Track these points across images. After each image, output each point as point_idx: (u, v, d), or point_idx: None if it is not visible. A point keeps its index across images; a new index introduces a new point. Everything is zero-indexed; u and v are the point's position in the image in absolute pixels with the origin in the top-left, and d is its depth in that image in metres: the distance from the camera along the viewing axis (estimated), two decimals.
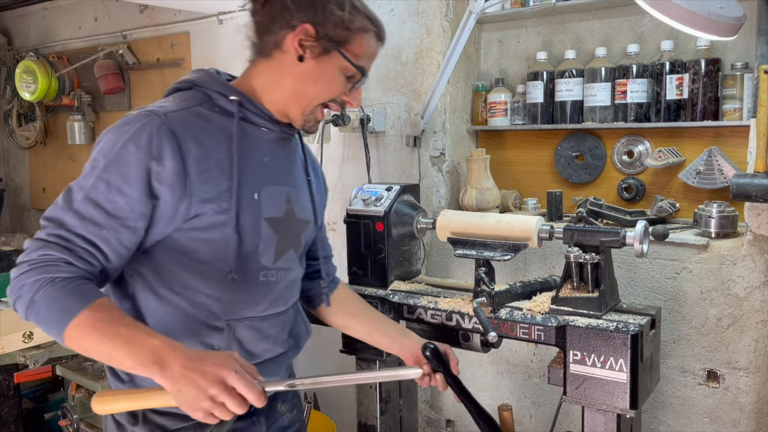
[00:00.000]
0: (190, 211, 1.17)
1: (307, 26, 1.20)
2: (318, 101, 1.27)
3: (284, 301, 1.36)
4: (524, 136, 2.54)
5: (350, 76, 1.26)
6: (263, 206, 1.26)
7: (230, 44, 3.16)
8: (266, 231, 1.26)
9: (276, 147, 1.32)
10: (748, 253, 1.89)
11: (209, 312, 1.24)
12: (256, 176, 1.25)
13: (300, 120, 1.29)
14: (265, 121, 1.29)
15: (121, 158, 1.13)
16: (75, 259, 1.11)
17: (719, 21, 1.58)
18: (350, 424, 2.89)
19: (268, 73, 1.28)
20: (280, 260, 1.30)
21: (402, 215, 1.92)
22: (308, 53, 1.22)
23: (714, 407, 2.00)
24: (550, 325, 1.61)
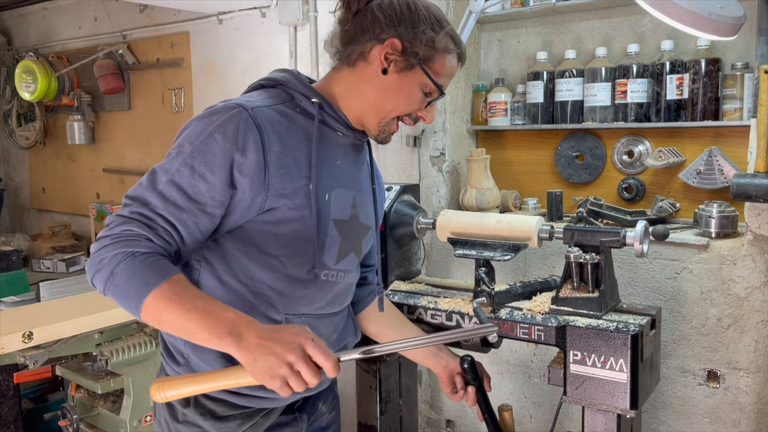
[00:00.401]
0: (265, 204, 1.20)
1: (395, 41, 1.24)
2: (395, 114, 1.31)
3: (340, 303, 1.39)
4: (524, 136, 2.53)
5: (428, 93, 1.30)
6: (332, 208, 1.29)
7: (230, 44, 3.16)
8: (333, 232, 1.30)
9: (348, 152, 1.36)
10: (748, 253, 1.89)
11: (269, 304, 1.27)
12: (329, 178, 1.29)
13: (375, 130, 1.32)
14: (341, 125, 1.32)
15: (207, 146, 1.17)
16: (155, 236, 1.15)
17: (719, 21, 1.58)
18: (350, 424, 2.89)
19: (350, 81, 1.31)
20: (341, 262, 1.34)
21: (402, 215, 1.92)
22: (392, 67, 1.26)
23: (714, 407, 2.00)
24: (550, 325, 1.61)
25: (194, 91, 3.38)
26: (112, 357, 2.15)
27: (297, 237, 1.24)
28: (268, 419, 1.37)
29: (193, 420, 1.30)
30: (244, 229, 1.23)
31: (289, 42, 2.86)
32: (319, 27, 2.77)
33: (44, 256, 3.64)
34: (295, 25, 2.83)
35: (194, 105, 3.38)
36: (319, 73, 2.78)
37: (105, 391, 2.23)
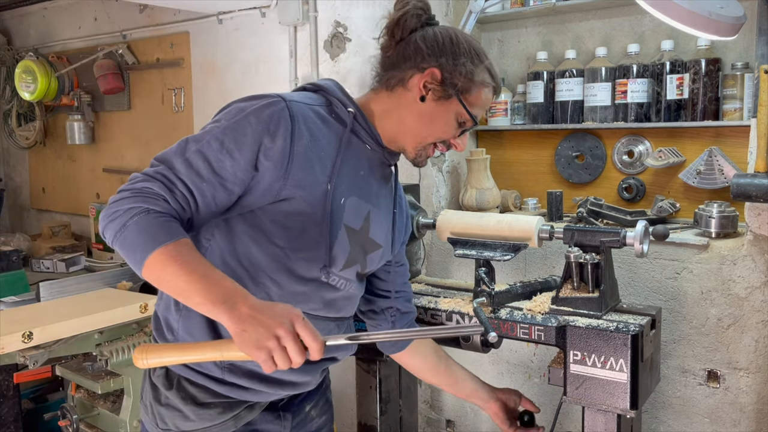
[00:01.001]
0: (281, 193, 1.23)
1: (435, 71, 1.29)
2: (430, 140, 1.35)
3: (337, 309, 1.39)
4: (524, 136, 2.53)
5: (462, 123, 1.34)
6: (346, 213, 1.32)
7: (230, 44, 3.16)
8: (342, 237, 1.32)
9: (374, 167, 1.39)
10: (748, 253, 1.89)
11: (266, 294, 1.28)
12: (348, 184, 1.32)
13: (413, 153, 1.37)
14: (371, 140, 1.36)
15: (240, 125, 1.21)
16: (172, 199, 1.17)
17: (719, 21, 1.58)
18: (350, 424, 2.89)
19: (387, 105, 1.36)
20: (346, 270, 1.35)
21: None
22: (430, 95, 1.31)
23: (714, 407, 2.00)
24: (551, 325, 1.61)
25: (194, 91, 3.38)
26: (112, 357, 2.15)
27: (305, 232, 1.26)
28: (250, 413, 1.37)
29: (174, 404, 1.32)
30: (256, 215, 1.25)
31: (289, 42, 2.86)
32: (319, 27, 2.77)
33: (44, 256, 3.64)
34: (295, 25, 2.83)
35: (194, 105, 3.38)
36: (319, 72, 2.78)
37: (105, 391, 2.23)
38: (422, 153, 1.37)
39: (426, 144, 1.36)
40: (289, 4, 2.77)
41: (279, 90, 3.12)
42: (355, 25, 2.66)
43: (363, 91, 2.70)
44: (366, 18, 2.62)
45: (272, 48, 2.98)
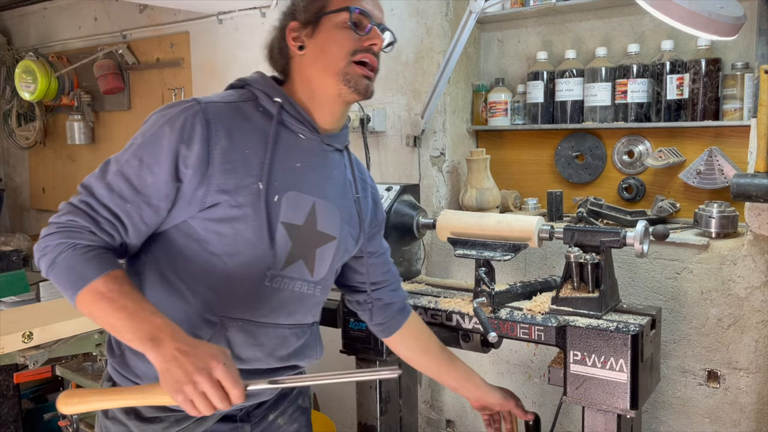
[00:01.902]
0: (206, 200, 1.19)
1: (290, 25, 1.31)
2: (341, 64, 1.28)
3: (288, 314, 1.33)
4: (524, 136, 2.53)
5: (352, 24, 1.29)
6: (282, 210, 1.26)
7: (230, 44, 3.16)
8: (281, 235, 1.26)
9: (312, 156, 1.33)
10: (748, 253, 1.89)
11: (206, 304, 1.25)
12: (283, 180, 1.27)
13: (343, 86, 1.29)
14: (304, 127, 1.32)
15: (156, 138, 1.19)
16: (97, 229, 1.16)
17: (719, 21, 1.58)
18: (350, 424, 2.89)
19: (296, 79, 1.33)
20: (287, 269, 1.29)
21: (402, 215, 1.92)
22: (304, 39, 1.30)
23: (714, 407, 2.00)
24: (551, 326, 1.61)
25: (194, 91, 3.38)
26: None
27: (240, 236, 1.22)
28: (200, 425, 1.33)
29: (119, 417, 1.29)
30: (189, 224, 1.22)
31: None
32: None
33: None
34: None
35: None
36: None
37: None
38: (351, 80, 1.28)
39: (342, 71, 1.28)
40: None
41: None
42: None
43: None
44: None
45: None
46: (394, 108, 2.59)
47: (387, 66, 2.58)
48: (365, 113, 2.57)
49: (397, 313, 1.59)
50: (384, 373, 1.19)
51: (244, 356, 1.29)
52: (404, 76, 2.55)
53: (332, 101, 1.32)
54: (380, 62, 1.36)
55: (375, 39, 1.32)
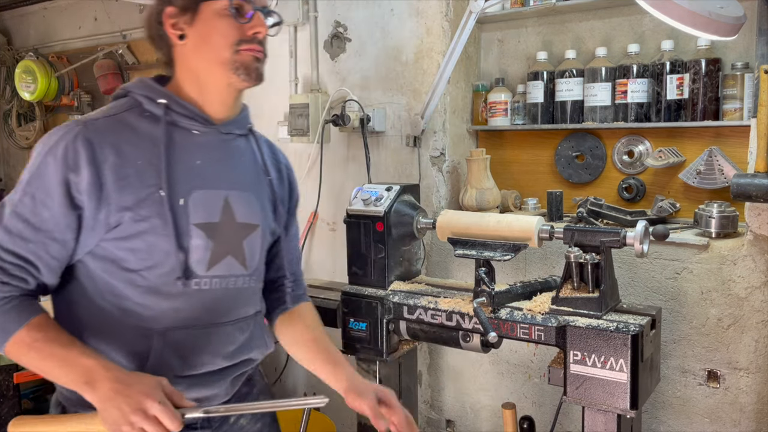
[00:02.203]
0: (109, 221, 1.17)
1: (166, 10, 1.24)
2: (227, 52, 1.24)
3: (226, 312, 1.31)
4: (524, 136, 2.53)
5: (236, 10, 1.23)
6: (191, 212, 1.23)
7: None
8: (197, 237, 1.23)
9: (212, 150, 1.29)
10: (748, 253, 1.89)
11: (140, 320, 1.23)
12: (184, 181, 1.23)
13: (233, 75, 1.25)
14: (196, 122, 1.27)
15: (41, 171, 1.16)
16: (7, 277, 1.15)
17: (719, 21, 1.58)
18: (350, 424, 2.89)
19: (181, 71, 1.29)
20: (215, 268, 1.27)
21: (402, 215, 1.92)
22: (184, 28, 1.24)
23: (714, 407, 2.00)
24: (551, 326, 1.61)
25: None
26: None
27: (154, 248, 1.19)
28: None
29: None
30: (102, 247, 1.20)
31: (289, 42, 2.86)
32: (319, 27, 2.77)
33: None
34: (295, 25, 2.83)
35: None
36: (319, 72, 2.78)
37: None
38: (238, 66, 1.24)
39: (229, 60, 1.24)
40: (289, 4, 2.76)
41: (279, 90, 3.13)
42: (355, 25, 2.66)
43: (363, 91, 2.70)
44: (366, 18, 2.62)
45: (272, 48, 2.94)
46: (394, 108, 2.59)
47: (387, 66, 2.58)
48: (365, 113, 2.57)
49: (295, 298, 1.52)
50: (312, 401, 1.22)
51: (192, 362, 1.28)
52: (404, 76, 2.55)
53: (222, 91, 1.28)
54: (266, 47, 1.32)
55: (258, 27, 1.27)
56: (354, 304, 1.91)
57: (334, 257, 2.86)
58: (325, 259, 2.90)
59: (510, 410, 2.02)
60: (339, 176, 2.81)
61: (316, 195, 2.81)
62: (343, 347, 1.95)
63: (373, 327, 1.88)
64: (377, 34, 2.59)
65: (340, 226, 2.80)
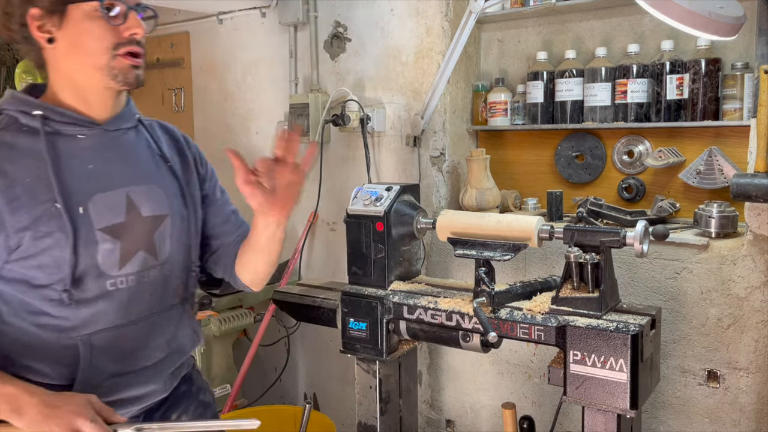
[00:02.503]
0: (9, 244, 1.15)
1: (30, 12, 1.17)
2: (103, 58, 1.19)
3: (147, 306, 1.32)
4: (524, 136, 2.53)
5: (105, 10, 1.18)
6: (94, 218, 1.21)
7: (230, 44, 3.16)
8: (104, 240, 1.22)
9: (103, 150, 1.26)
10: (748, 253, 1.89)
11: (61, 331, 1.22)
12: (80, 189, 1.20)
13: (110, 81, 1.21)
14: (79, 127, 1.24)
15: None
16: None
17: (719, 21, 1.58)
18: (350, 424, 2.89)
19: (54, 75, 1.24)
20: (127, 266, 1.26)
21: (402, 215, 1.92)
22: (52, 31, 1.18)
23: (714, 407, 2.00)
24: (550, 325, 1.61)
25: (194, 91, 3.38)
26: None
27: (62, 261, 1.18)
28: None
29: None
30: (8, 269, 1.18)
31: (289, 42, 2.86)
32: (319, 27, 2.77)
33: None
34: (295, 25, 2.83)
35: (194, 105, 3.38)
36: (319, 73, 2.78)
37: None
38: (118, 74, 1.20)
39: (106, 66, 1.19)
40: (289, 4, 2.77)
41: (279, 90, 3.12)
42: (355, 25, 2.66)
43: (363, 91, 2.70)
44: (366, 18, 2.62)
45: (272, 48, 2.98)
46: (394, 108, 2.59)
47: (387, 66, 2.58)
48: (365, 113, 2.57)
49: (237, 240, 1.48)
50: (244, 424, 1.23)
51: (124, 360, 1.29)
52: (404, 76, 2.55)
53: (101, 94, 1.24)
54: (145, 48, 1.26)
55: (135, 28, 1.21)
56: (354, 304, 1.91)
57: (334, 257, 2.86)
58: (325, 259, 2.90)
59: (510, 410, 2.02)
60: (339, 176, 2.81)
61: (316, 195, 2.81)
62: (342, 347, 1.95)
63: (373, 327, 1.88)
64: (377, 34, 2.59)
65: (340, 226, 2.80)
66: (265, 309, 2.74)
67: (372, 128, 2.59)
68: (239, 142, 3.15)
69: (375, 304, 1.87)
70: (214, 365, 2.63)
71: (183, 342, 1.41)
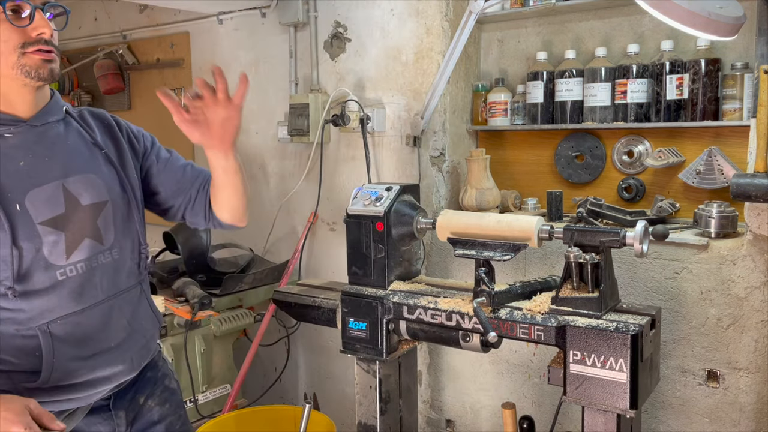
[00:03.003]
0: None
1: None
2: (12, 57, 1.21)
3: (102, 290, 1.36)
4: (524, 136, 2.53)
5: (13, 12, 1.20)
6: (33, 213, 1.24)
7: (230, 44, 3.16)
8: (47, 233, 1.25)
9: (32, 145, 1.28)
10: (748, 253, 1.89)
11: (19, 323, 1.25)
12: (14, 186, 1.23)
13: (25, 78, 1.23)
14: (5, 126, 1.25)
15: None
16: None
17: (719, 21, 1.58)
18: (350, 424, 2.89)
19: None
20: (74, 254, 1.30)
21: (402, 215, 1.92)
22: None
23: (714, 407, 2.00)
24: (550, 325, 1.61)
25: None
26: None
27: (5, 258, 1.21)
28: (72, 420, 1.35)
29: None
30: None
31: (289, 42, 2.86)
32: (319, 27, 2.77)
33: None
34: (295, 25, 2.83)
35: None
36: (319, 73, 2.78)
37: None
38: (31, 70, 1.22)
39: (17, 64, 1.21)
40: (289, 4, 2.77)
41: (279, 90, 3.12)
42: (355, 25, 2.66)
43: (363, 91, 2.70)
44: (366, 18, 2.62)
45: (272, 48, 2.98)
46: (394, 108, 2.60)
47: (387, 66, 2.58)
48: (365, 113, 2.57)
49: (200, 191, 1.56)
50: None
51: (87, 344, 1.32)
52: (404, 76, 2.55)
53: (19, 91, 1.26)
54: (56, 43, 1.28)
55: (42, 28, 1.22)
56: (354, 304, 1.91)
57: (334, 257, 2.86)
58: (324, 259, 2.90)
59: (510, 410, 2.02)
60: (339, 176, 2.81)
61: (316, 195, 2.81)
62: (342, 347, 1.95)
63: (373, 327, 1.88)
64: (377, 34, 2.59)
65: (340, 226, 2.80)
66: (265, 309, 2.74)
67: (372, 128, 2.59)
68: (239, 142, 3.14)
69: (375, 304, 1.87)
70: (214, 365, 2.63)
71: (142, 323, 1.46)
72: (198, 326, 2.46)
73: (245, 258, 2.95)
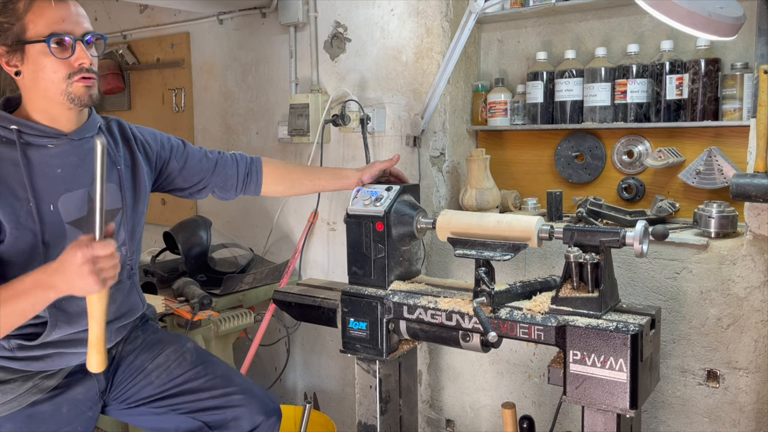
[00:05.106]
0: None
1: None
2: (60, 86, 1.44)
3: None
4: (524, 136, 2.54)
5: (56, 46, 1.41)
6: (63, 213, 1.48)
7: (230, 44, 3.17)
8: (72, 232, 1.48)
9: (69, 156, 1.52)
10: (747, 253, 1.89)
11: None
12: (50, 190, 1.47)
13: (66, 104, 1.46)
14: (49, 138, 1.48)
15: None
16: None
17: (719, 21, 1.58)
18: (350, 424, 2.89)
19: (25, 97, 1.50)
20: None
21: (402, 215, 1.92)
22: (18, 65, 1.44)
23: (714, 407, 2.01)
24: (550, 325, 1.61)
25: (194, 92, 3.38)
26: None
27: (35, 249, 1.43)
28: (50, 379, 1.54)
29: None
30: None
31: (289, 42, 2.86)
32: (319, 27, 2.77)
33: None
34: (295, 25, 2.83)
35: (195, 105, 3.38)
36: (319, 73, 2.78)
37: None
38: (75, 98, 1.45)
39: (64, 92, 1.44)
40: (289, 5, 2.77)
41: (279, 90, 3.12)
42: (355, 25, 2.66)
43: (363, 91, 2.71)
44: (366, 18, 2.62)
45: (272, 48, 2.98)
46: (394, 108, 2.60)
47: (387, 66, 2.58)
48: (365, 113, 2.57)
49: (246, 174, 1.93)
50: None
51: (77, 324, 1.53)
52: (404, 76, 2.55)
53: (64, 112, 1.49)
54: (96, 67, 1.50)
55: (82, 59, 1.44)
56: (354, 304, 1.91)
57: (334, 257, 2.86)
58: (324, 259, 2.90)
59: (510, 410, 2.02)
60: None
61: (316, 195, 2.81)
62: (342, 347, 1.95)
63: (373, 327, 1.88)
64: (377, 34, 2.59)
65: (340, 226, 2.80)
66: (265, 309, 2.74)
67: (372, 128, 2.59)
68: (239, 142, 3.15)
69: (375, 304, 1.87)
70: None
71: (129, 308, 1.70)
72: (198, 326, 2.46)
73: (245, 258, 2.95)
